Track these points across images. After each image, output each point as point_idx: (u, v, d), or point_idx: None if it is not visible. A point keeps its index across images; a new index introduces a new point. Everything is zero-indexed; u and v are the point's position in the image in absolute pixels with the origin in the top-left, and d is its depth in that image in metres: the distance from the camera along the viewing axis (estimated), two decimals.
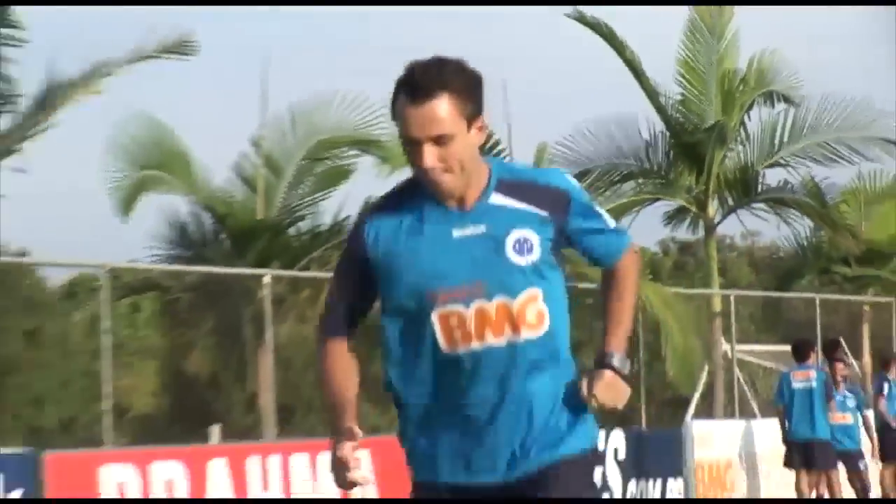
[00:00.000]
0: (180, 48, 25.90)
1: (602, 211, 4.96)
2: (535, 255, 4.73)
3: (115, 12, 59.66)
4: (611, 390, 4.78)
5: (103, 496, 20.28)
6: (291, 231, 30.67)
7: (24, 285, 34.83)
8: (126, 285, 30.38)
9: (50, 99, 25.11)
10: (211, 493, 21.56)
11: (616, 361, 4.82)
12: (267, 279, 25.18)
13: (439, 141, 4.58)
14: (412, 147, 4.63)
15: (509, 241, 4.74)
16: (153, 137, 28.97)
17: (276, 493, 22.48)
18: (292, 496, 22.47)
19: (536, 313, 4.73)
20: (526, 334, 4.70)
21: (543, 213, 4.76)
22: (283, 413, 28.11)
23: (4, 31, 24.54)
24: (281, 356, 27.33)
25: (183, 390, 32.04)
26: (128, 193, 28.74)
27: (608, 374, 4.79)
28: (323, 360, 4.89)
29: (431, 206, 4.77)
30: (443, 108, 4.57)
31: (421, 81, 4.57)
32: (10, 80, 25.06)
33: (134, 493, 20.62)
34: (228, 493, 21.98)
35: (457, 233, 4.74)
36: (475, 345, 4.72)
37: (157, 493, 21.01)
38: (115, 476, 20.36)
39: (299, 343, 30.32)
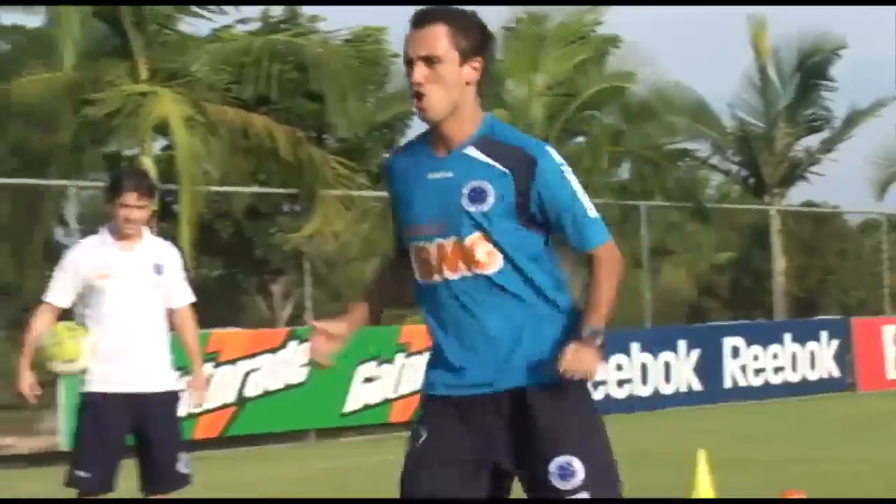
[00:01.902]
0: None
1: (584, 198, 5.01)
2: (488, 205, 4.91)
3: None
4: (578, 361, 4.84)
5: (887, 345, 27.66)
6: None
7: (837, 223, 43.76)
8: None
9: (852, 120, 34.63)
10: None
11: (587, 333, 4.91)
12: None
13: (429, 61, 4.84)
14: (408, 68, 4.90)
15: (465, 189, 4.91)
16: None
17: None
18: None
19: (486, 252, 4.91)
20: (478, 270, 4.93)
21: (504, 170, 4.90)
22: None
23: (825, 82, 34.24)
24: None
25: None
26: (886, 180, 36.35)
27: (575, 346, 4.86)
28: (374, 270, 5.48)
29: (424, 151, 5.04)
30: (437, 33, 4.84)
31: (423, 12, 4.91)
32: (829, 109, 34.73)
33: None
34: None
35: (431, 175, 4.99)
36: (437, 277, 5.00)
37: None
38: (891, 331, 27.82)
39: None
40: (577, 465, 4.95)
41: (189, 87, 23.48)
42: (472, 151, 4.91)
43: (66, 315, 9.38)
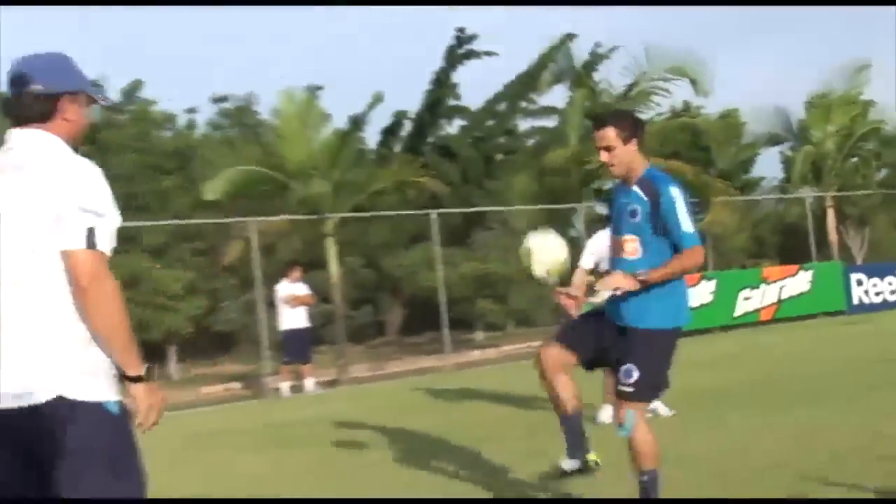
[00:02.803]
0: None
1: (685, 218, 4.95)
2: (638, 218, 4.99)
3: None
4: (608, 282, 4.94)
5: None
6: None
7: None
8: None
9: None
10: None
11: (637, 272, 4.89)
12: None
13: (606, 148, 5.03)
14: (597, 151, 5.11)
15: (628, 209, 5.03)
16: None
17: None
18: None
19: (633, 248, 4.99)
20: (629, 258, 5.03)
21: (647, 199, 4.96)
22: None
23: None
24: None
25: None
26: None
27: (614, 274, 4.99)
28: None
29: (621, 187, 5.19)
30: (608, 132, 5.00)
31: (600, 119, 5.13)
32: None
33: None
34: None
35: (620, 200, 5.17)
36: (615, 256, 5.19)
37: None
38: None
39: None
40: (636, 372, 4.99)
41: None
42: (636, 188, 5.08)
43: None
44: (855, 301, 22.84)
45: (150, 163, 24.08)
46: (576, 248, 9.71)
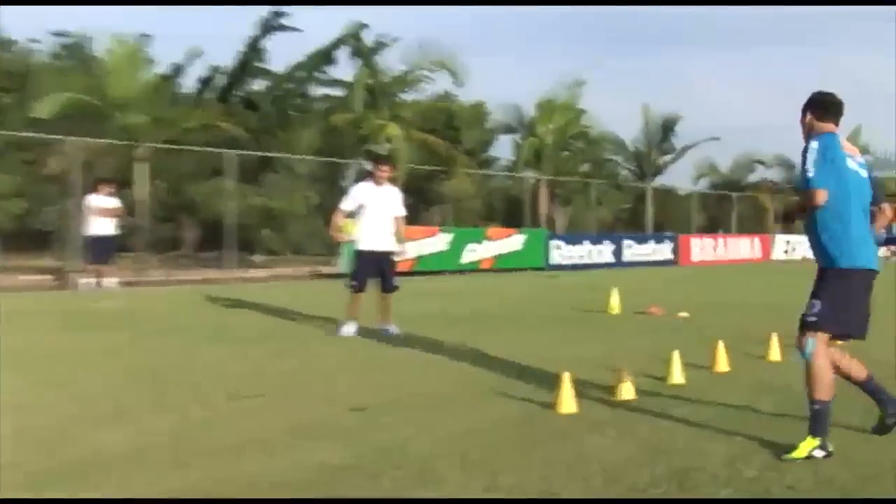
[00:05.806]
0: None
1: (812, 164, 4.32)
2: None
3: None
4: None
5: None
6: None
7: None
8: None
9: None
10: None
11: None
12: None
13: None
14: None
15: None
16: None
17: None
18: None
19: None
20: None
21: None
22: None
23: None
24: None
25: None
26: None
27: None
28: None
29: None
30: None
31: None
32: None
33: None
34: None
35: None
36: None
37: None
38: None
39: None
40: (818, 304, 4.41)
41: (405, 123, 22.95)
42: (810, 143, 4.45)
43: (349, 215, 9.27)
44: (552, 261, 23.01)
45: None
46: (344, 195, 9.44)
